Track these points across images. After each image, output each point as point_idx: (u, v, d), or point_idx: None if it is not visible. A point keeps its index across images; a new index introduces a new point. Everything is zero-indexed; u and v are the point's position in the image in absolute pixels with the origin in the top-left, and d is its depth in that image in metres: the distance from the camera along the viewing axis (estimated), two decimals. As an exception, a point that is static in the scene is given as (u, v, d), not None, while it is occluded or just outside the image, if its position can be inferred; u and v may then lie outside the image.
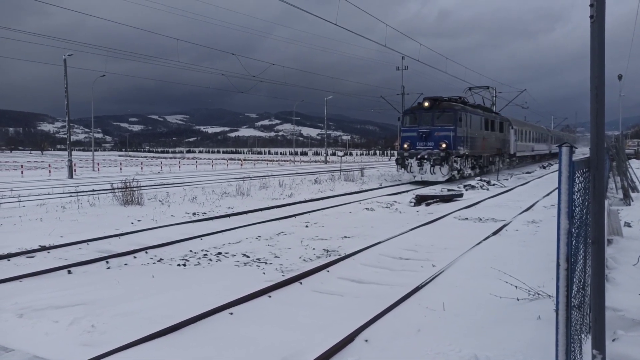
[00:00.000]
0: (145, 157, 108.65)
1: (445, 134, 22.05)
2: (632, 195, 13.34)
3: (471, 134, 23.77)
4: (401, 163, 22.86)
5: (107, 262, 7.47)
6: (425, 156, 22.01)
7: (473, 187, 19.49)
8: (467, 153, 23.24)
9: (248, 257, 7.93)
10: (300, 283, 6.35)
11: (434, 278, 6.38)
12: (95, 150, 61.77)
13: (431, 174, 21.70)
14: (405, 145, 22.82)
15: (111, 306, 5.37)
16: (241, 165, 60.05)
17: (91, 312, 5.18)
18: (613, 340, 3.87)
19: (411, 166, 22.34)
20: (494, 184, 20.77)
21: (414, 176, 22.20)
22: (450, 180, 22.26)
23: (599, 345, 3.21)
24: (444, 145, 21.68)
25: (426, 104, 22.67)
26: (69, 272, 6.95)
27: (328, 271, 6.93)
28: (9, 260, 7.61)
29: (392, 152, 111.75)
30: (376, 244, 8.56)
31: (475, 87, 30.94)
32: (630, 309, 4.40)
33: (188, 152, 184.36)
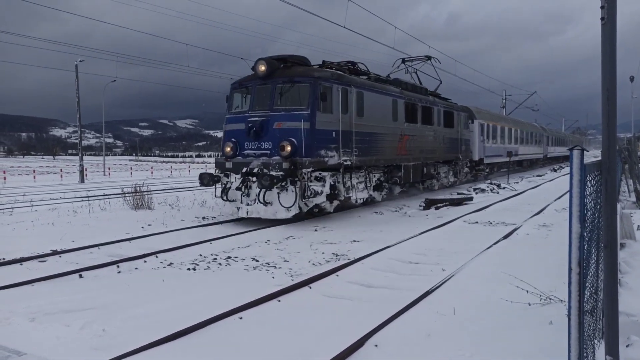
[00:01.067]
0: (156, 161, 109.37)
1: (291, 124, 11.32)
2: (645, 198, 13.17)
3: (365, 126, 13.14)
4: (206, 182, 12.05)
5: (118, 266, 7.52)
6: (256, 170, 11.20)
7: (483, 190, 19.49)
8: (353, 162, 12.53)
9: (257, 261, 7.94)
10: (310, 287, 6.34)
11: (444, 282, 6.34)
12: (106, 154, 62.37)
13: (264, 204, 11.08)
14: (228, 149, 12.03)
15: (122, 310, 5.40)
16: (250, 169, 60.14)
17: (102, 316, 5.22)
18: (627, 345, 3.82)
19: (231, 189, 11.74)
20: (504, 187, 20.73)
21: (238, 208, 11.60)
22: (314, 214, 12.43)
23: (613, 350, 3.17)
24: (288, 148, 11.08)
25: (262, 68, 11.84)
26: (80, 276, 7.00)
27: (337, 275, 6.92)
28: (21, 264, 7.69)
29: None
30: (385, 248, 8.53)
31: (411, 59, 19.99)
32: (644, 314, 4.33)
33: (198, 156, 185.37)
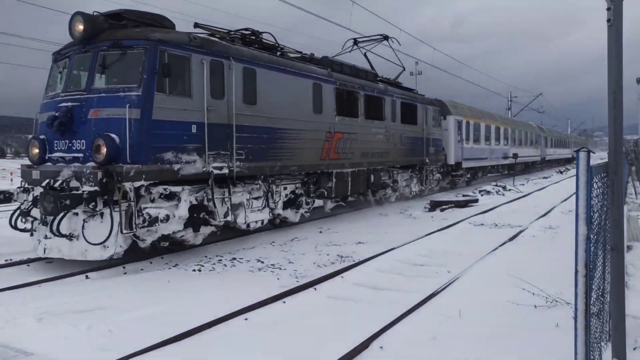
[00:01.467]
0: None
1: (113, 112, 7.25)
2: (652, 200, 13.10)
3: (259, 119, 9.34)
4: None
5: (124, 268, 7.55)
6: (59, 184, 7.03)
7: (489, 192, 19.38)
8: (234, 170, 8.62)
9: (262, 262, 7.96)
10: (315, 289, 6.35)
11: (449, 284, 6.33)
12: (112, 156, 62.49)
13: (68, 238, 7.07)
14: (34, 151, 7.93)
15: (128, 311, 5.43)
16: (255, 171, 60.19)
17: (108, 316, 5.25)
18: (634, 348, 3.81)
19: (26, 213, 7.81)
20: (509, 189, 20.63)
21: (38, 241, 7.48)
22: (169, 249, 8.38)
23: (620, 353, 3.16)
24: (103, 150, 6.99)
25: (79, 26, 7.62)
26: (87, 277, 7.03)
27: (342, 277, 6.92)
28: (28, 265, 7.74)
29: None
30: (390, 249, 8.52)
31: (365, 40, 15.93)
32: (651, 317, 4.31)
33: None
